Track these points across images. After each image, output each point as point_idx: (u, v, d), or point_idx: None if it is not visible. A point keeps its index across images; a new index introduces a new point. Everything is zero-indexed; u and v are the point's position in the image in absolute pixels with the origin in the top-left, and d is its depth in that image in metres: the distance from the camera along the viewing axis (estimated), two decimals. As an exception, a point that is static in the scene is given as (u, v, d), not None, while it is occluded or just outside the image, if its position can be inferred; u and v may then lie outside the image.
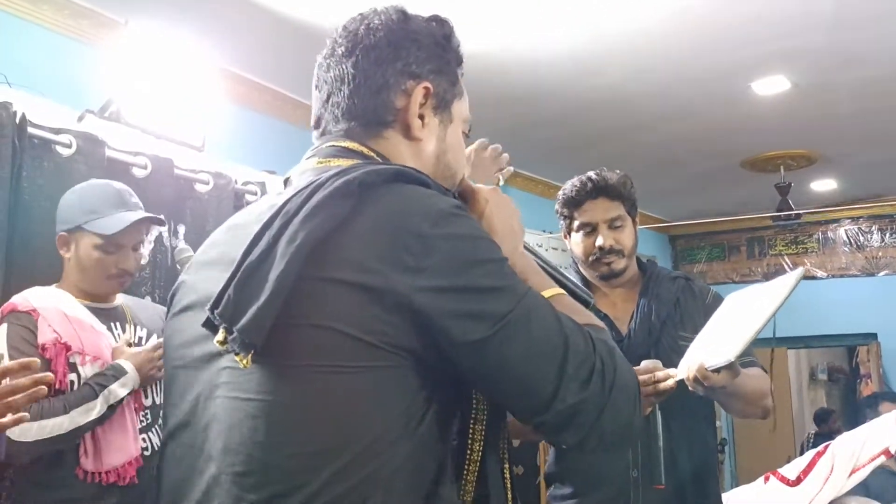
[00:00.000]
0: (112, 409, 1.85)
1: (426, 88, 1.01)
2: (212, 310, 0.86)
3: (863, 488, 3.32)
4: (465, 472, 0.91)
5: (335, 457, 0.83)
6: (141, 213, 2.00)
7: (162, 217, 2.11)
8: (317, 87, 1.05)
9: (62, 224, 1.97)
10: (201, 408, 0.92)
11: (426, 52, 1.02)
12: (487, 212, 1.03)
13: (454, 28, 1.07)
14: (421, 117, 1.01)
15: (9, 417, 1.29)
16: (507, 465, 0.98)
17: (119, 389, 1.86)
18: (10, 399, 1.27)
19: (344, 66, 1.01)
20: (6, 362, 1.33)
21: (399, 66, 1.00)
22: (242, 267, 0.86)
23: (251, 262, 0.86)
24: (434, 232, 0.84)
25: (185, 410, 0.94)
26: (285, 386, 0.85)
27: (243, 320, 0.83)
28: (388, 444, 0.84)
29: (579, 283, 1.17)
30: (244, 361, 0.85)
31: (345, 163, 0.95)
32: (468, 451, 0.92)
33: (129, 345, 1.98)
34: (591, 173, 2.00)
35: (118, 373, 1.87)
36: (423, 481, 0.87)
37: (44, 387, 1.32)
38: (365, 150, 0.99)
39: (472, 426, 0.92)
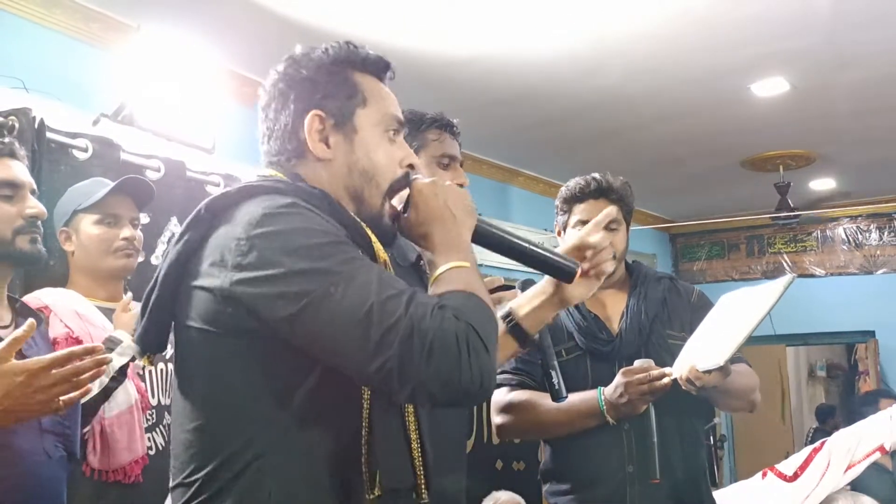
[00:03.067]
0: (115, 380, 1.83)
1: (316, 116, 1.15)
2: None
3: (851, 486, 3.37)
4: (362, 435, 1.04)
5: (220, 430, 1.03)
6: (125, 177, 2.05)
7: (147, 180, 2.11)
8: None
9: (60, 220, 2.02)
10: None
11: (313, 83, 1.16)
12: (421, 202, 1.15)
13: (348, 47, 1.20)
14: (326, 139, 1.15)
15: (76, 393, 1.43)
16: (412, 425, 1.10)
17: (117, 359, 1.83)
18: (76, 379, 1.41)
19: (264, 120, 1.20)
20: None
21: (292, 107, 1.16)
22: (147, 289, 1.11)
23: (151, 284, 1.10)
24: (252, 233, 1.00)
25: None
26: (180, 377, 1.09)
27: (137, 332, 1.12)
28: (271, 410, 1.01)
29: (560, 255, 1.29)
30: (144, 361, 1.17)
31: None
32: (363, 411, 1.05)
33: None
34: (596, 174, 2.04)
35: (113, 343, 1.85)
36: (317, 445, 1.02)
37: (105, 366, 1.48)
38: (280, 174, 1.15)
39: (362, 389, 1.05)
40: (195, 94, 2.75)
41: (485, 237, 1.23)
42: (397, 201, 1.19)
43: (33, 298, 1.90)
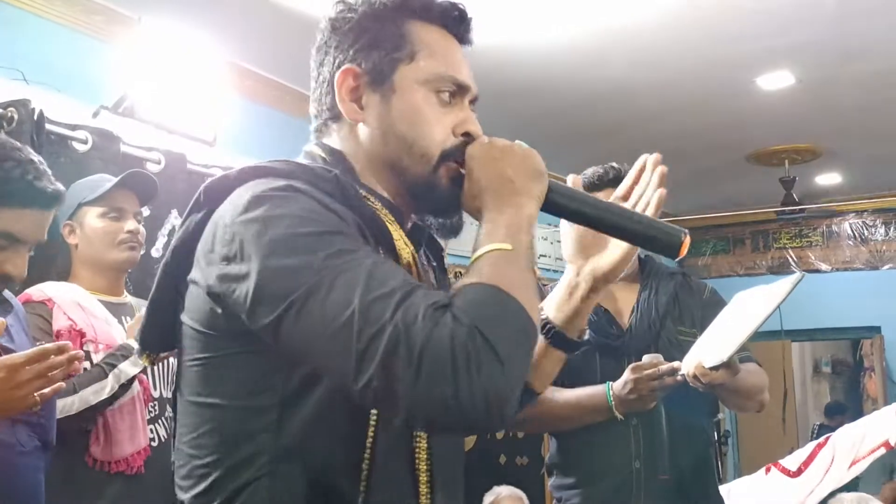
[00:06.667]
0: (124, 388, 1.86)
1: (349, 72, 1.00)
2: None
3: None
4: (364, 456, 0.87)
5: (209, 442, 0.89)
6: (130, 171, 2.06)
7: (152, 175, 2.13)
8: None
9: (64, 213, 2.01)
10: None
11: (354, 32, 1.01)
12: (475, 169, 0.96)
13: None
14: (359, 99, 1.00)
15: (48, 389, 1.44)
16: (421, 446, 0.93)
17: (129, 368, 1.86)
18: (50, 375, 1.42)
19: (311, 68, 1.06)
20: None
21: (331, 59, 1.02)
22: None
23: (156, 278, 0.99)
24: (236, 220, 0.85)
25: None
26: (181, 381, 0.95)
27: (138, 329, 1.02)
28: (270, 429, 0.86)
29: (660, 221, 1.04)
30: (143, 361, 1.06)
31: None
32: (367, 434, 0.88)
33: None
34: (614, 163, 2.03)
35: (127, 351, 1.87)
36: (317, 467, 0.87)
37: (77, 363, 1.48)
38: (316, 149, 1.02)
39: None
40: (196, 87, 2.74)
41: (560, 206, 1.01)
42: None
43: (36, 291, 1.91)
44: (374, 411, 0.88)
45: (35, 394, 1.42)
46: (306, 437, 0.86)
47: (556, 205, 1.00)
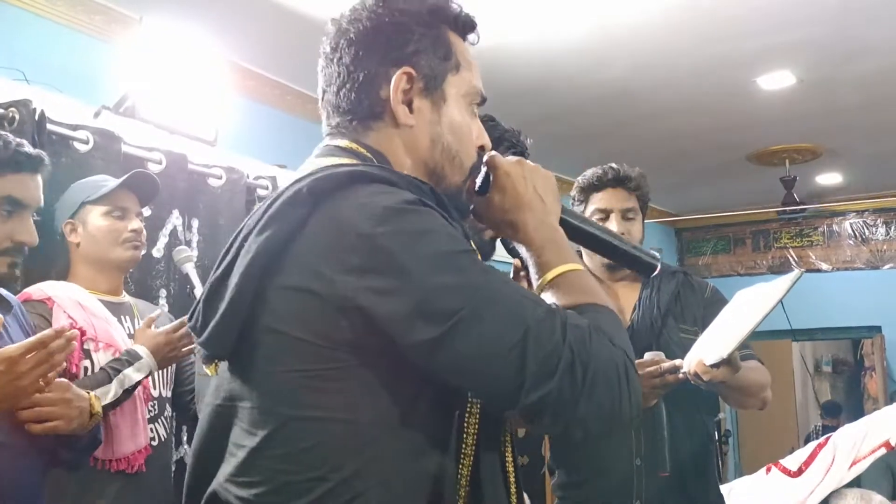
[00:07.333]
0: (127, 393, 1.87)
1: (406, 73, 0.98)
2: (189, 323, 0.97)
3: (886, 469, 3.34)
4: (459, 467, 0.90)
5: (311, 456, 0.86)
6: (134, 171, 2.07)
7: (155, 176, 2.13)
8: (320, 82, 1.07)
9: (66, 212, 2.02)
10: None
11: (407, 33, 0.99)
12: (509, 186, 1.02)
13: None
14: (409, 103, 0.99)
15: (53, 373, 1.46)
16: (509, 458, 0.99)
17: (134, 374, 1.87)
18: (51, 360, 1.43)
19: (331, 64, 1.01)
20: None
21: (378, 56, 0.98)
22: (209, 282, 0.94)
23: (216, 277, 0.93)
24: (378, 230, 0.83)
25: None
26: (256, 390, 0.90)
27: (205, 334, 0.93)
28: (367, 442, 0.86)
29: (641, 248, 1.20)
30: (210, 370, 0.99)
31: (334, 161, 0.96)
32: (462, 446, 0.91)
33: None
34: (613, 164, 2.06)
35: (133, 357, 1.89)
36: (422, 478, 0.88)
37: (73, 343, 1.47)
38: (356, 146, 0.98)
39: (466, 419, 0.91)
40: (197, 87, 2.73)
41: (567, 227, 1.09)
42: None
43: (36, 290, 1.91)
44: (471, 420, 0.92)
45: (41, 380, 1.44)
46: (415, 447, 0.88)
47: (565, 225, 1.08)
